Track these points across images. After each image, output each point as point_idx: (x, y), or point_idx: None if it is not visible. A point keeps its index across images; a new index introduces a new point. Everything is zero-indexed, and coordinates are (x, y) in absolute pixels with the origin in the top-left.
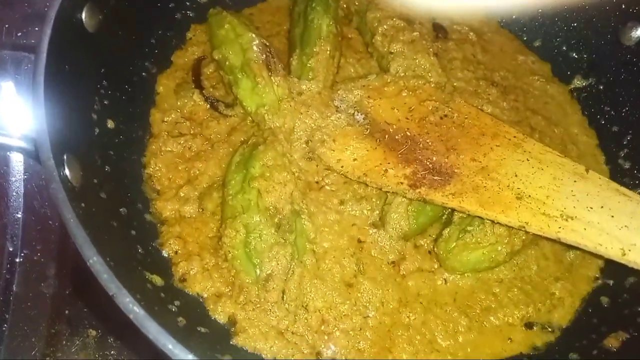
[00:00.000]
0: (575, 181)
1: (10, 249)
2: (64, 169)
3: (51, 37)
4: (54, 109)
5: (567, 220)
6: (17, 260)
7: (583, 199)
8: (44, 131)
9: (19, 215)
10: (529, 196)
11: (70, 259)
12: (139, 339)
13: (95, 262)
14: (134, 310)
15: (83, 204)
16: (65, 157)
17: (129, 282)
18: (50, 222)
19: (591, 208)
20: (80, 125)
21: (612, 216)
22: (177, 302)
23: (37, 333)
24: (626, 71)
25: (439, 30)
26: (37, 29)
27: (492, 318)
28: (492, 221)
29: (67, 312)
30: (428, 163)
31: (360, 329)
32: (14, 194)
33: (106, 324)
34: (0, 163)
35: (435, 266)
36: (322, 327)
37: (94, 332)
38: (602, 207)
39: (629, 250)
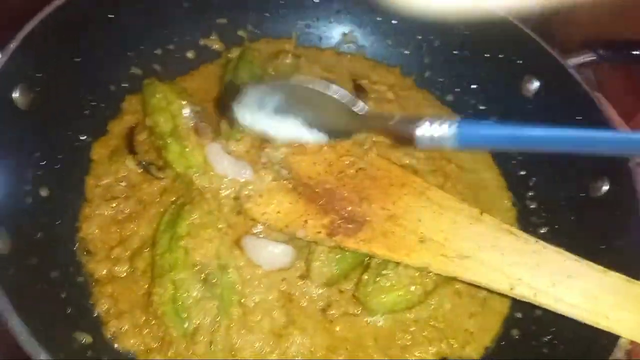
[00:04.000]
0: (470, 224)
1: None
2: None
3: None
4: None
5: (462, 259)
6: None
7: (477, 240)
8: None
9: None
10: (431, 239)
11: None
12: None
13: (16, 324)
14: None
15: (12, 270)
16: None
17: (54, 343)
18: None
19: (484, 247)
20: (12, 197)
21: (502, 254)
22: (105, 358)
23: None
24: (528, 121)
25: (359, 90)
26: None
27: (408, 356)
28: (403, 264)
29: None
30: (344, 213)
31: None
32: None
33: None
34: None
35: (358, 310)
36: None
37: None
38: (493, 246)
39: (517, 285)
